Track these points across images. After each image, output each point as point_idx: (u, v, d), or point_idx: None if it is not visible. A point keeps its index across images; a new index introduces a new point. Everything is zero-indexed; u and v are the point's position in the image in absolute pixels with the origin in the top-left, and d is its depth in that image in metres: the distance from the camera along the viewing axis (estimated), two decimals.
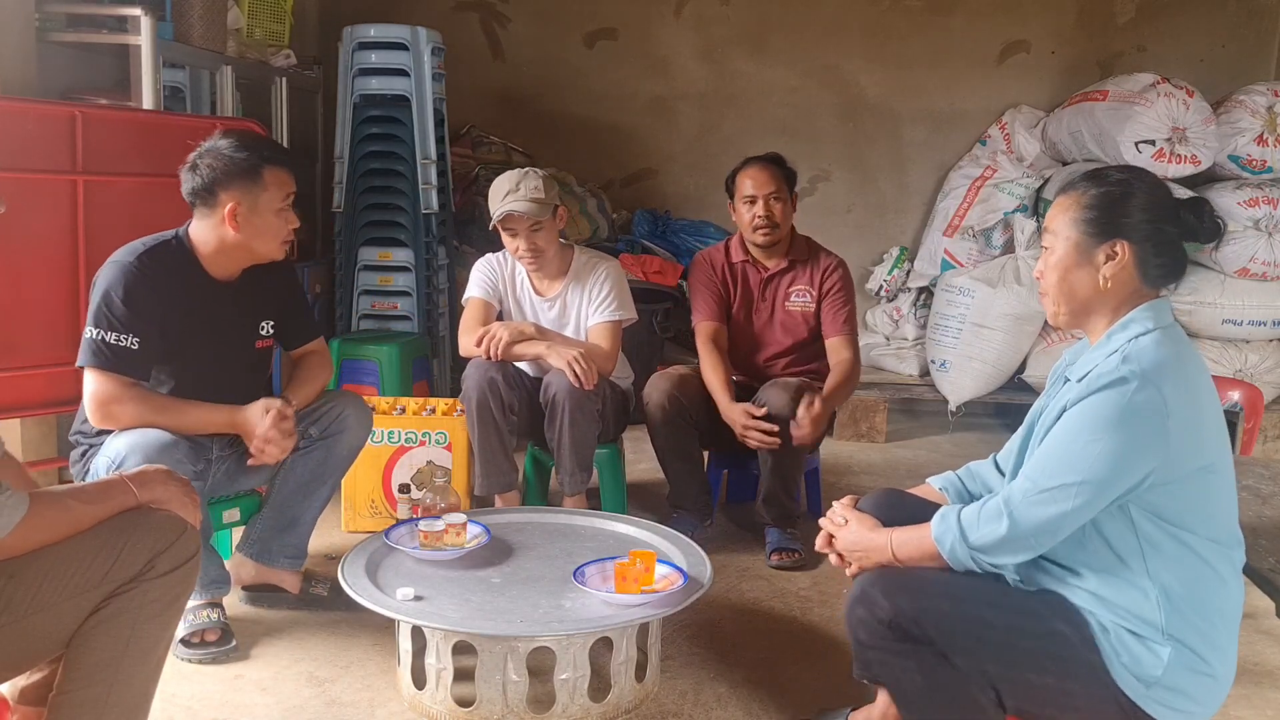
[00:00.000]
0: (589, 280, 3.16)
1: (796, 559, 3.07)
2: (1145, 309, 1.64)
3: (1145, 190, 1.64)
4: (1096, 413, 1.53)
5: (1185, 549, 1.55)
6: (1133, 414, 1.51)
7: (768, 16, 5.37)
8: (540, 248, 3.07)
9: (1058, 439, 1.58)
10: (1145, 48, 5.23)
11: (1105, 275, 1.63)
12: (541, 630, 2.08)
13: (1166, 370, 1.53)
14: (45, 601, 1.51)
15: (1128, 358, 1.55)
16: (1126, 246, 1.62)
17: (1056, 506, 1.54)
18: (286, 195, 2.41)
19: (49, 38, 3.36)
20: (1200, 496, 1.55)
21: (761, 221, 3.21)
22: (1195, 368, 1.60)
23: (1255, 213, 4.29)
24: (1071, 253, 1.66)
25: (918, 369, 4.90)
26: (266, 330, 2.59)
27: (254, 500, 2.69)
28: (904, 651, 1.64)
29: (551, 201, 3.07)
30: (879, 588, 1.66)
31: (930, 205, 5.34)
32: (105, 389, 2.27)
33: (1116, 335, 1.63)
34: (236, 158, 2.34)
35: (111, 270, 2.33)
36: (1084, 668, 1.55)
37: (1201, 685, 1.54)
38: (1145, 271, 1.64)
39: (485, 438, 3.00)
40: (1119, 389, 1.52)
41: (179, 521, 1.65)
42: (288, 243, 2.47)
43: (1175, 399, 1.51)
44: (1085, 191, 1.67)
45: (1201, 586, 1.55)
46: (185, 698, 2.23)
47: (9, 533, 1.47)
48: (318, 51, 5.13)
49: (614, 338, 3.14)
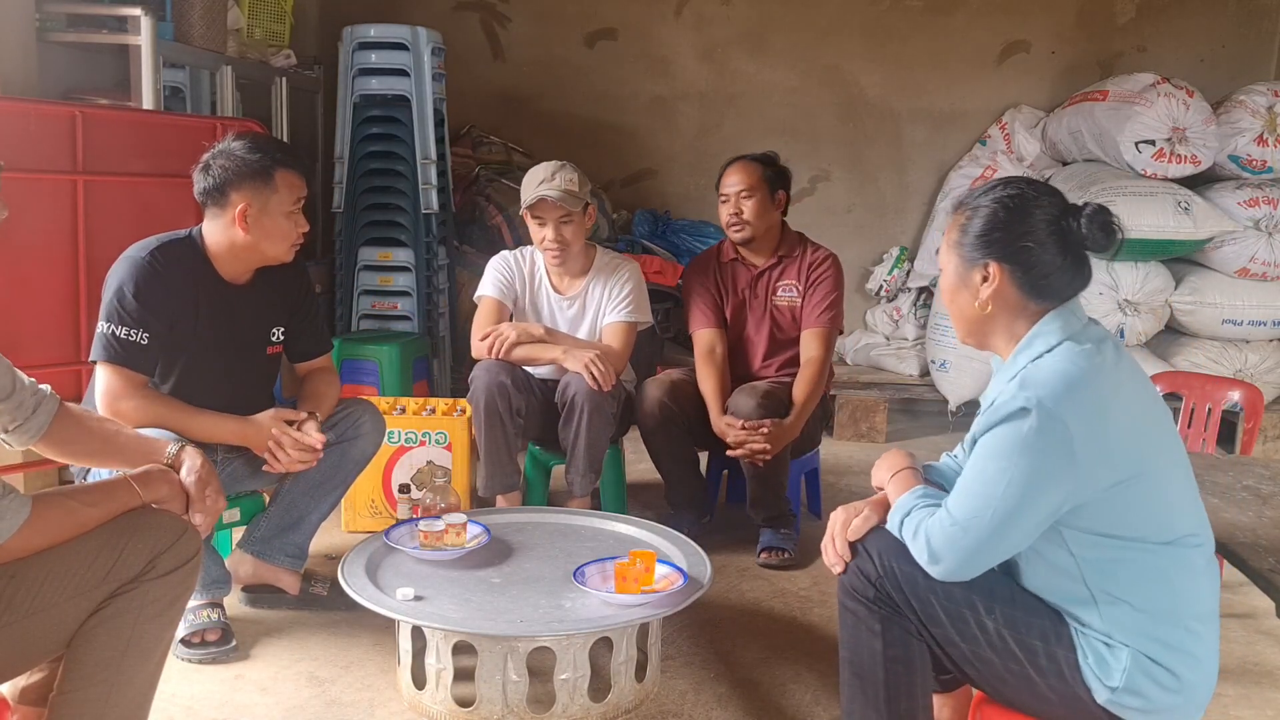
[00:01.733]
0: (611, 279, 3.16)
1: (785, 558, 3.07)
2: (1049, 320, 1.59)
3: (1025, 204, 1.60)
4: (999, 446, 1.52)
5: (1126, 558, 1.53)
6: (1033, 444, 1.48)
7: (768, 16, 5.37)
8: (567, 241, 3.07)
9: (968, 471, 1.57)
10: (1145, 48, 5.23)
11: (983, 298, 1.62)
12: (541, 630, 2.08)
13: (1070, 390, 1.49)
14: (47, 601, 1.51)
15: (1025, 383, 1.51)
16: (997, 267, 1.60)
17: (972, 539, 1.53)
18: (297, 198, 2.41)
19: (49, 38, 3.36)
20: (1129, 506, 1.52)
21: (732, 220, 3.21)
22: (1108, 375, 1.54)
23: (1255, 213, 4.29)
24: (952, 277, 1.66)
25: (918, 369, 4.90)
26: (277, 337, 2.59)
27: (256, 501, 2.69)
28: (875, 615, 1.65)
29: (584, 197, 3.08)
30: (875, 546, 1.67)
31: (930, 205, 5.34)
32: (116, 385, 2.28)
33: (1021, 355, 1.60)
34: (249, 159, 2.35)
35: (125, 265, 2.34)
36: (1057, 664, 1.56)
37: (1164, 693, 1.52)
38: (1030, 288, 1.59)
39: (492, 440, 3.01)
40: (1017, 421, 1.49)
41: (180, 522, 1.65)
42: (297, 246, 2.47)
43: (1078, 421, 1.47)
44: (966, 211, 1.65)
45: (1151, 595, 1.53)
46: (185, 698, 2.23)
47: (11, 536, 1.47)
48: (318, 51, 5.13)
49: (627, 339, 3.14)
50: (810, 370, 3.16)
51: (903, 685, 1.66)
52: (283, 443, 2.38)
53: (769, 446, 2.95)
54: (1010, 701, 1.63)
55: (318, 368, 2.68)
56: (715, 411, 3.09)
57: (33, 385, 1.76)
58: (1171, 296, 4.42)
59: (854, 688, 1.70)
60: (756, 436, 2.94)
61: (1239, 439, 3.16)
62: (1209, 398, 2.75)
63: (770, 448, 2.95)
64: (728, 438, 3.00)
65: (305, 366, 2.67)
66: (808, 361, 3.19)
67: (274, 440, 2.38)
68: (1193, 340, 4.54)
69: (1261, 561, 1.75)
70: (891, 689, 1.66)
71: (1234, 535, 1.86)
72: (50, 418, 1.76)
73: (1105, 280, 4.28)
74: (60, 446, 1.80)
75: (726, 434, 3.01)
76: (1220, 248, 4.34)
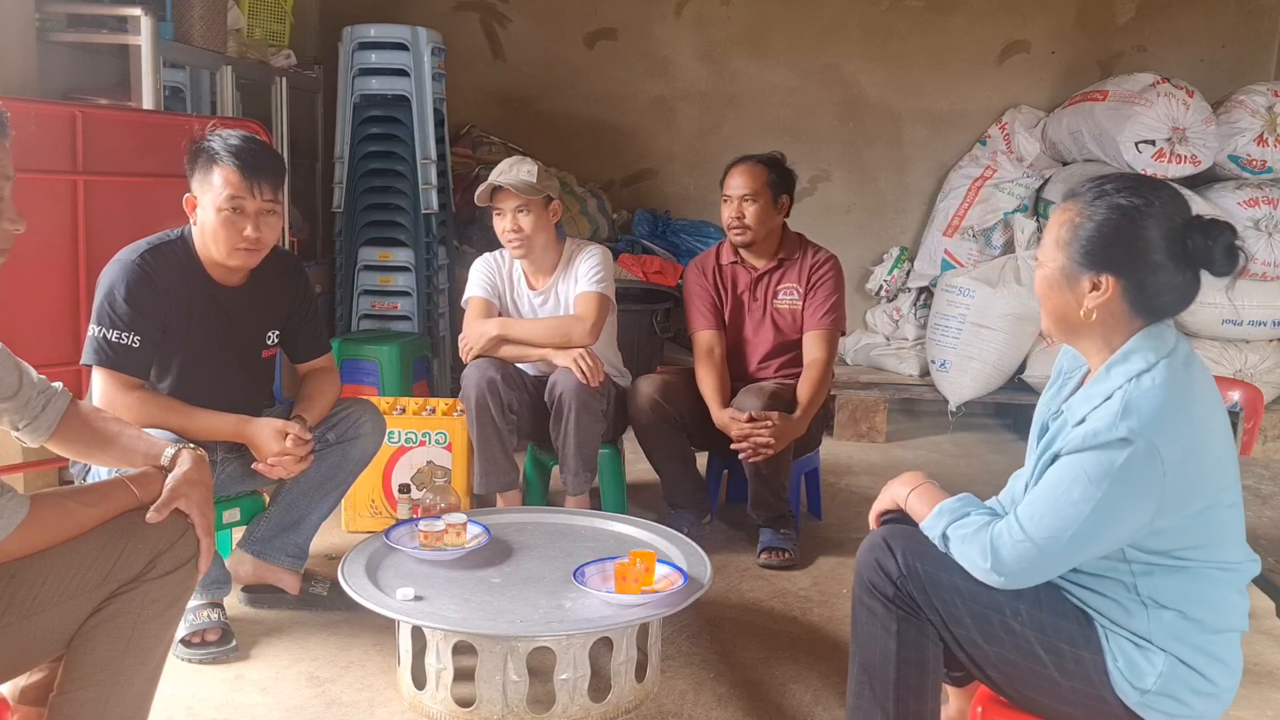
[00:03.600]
0: (577, 264, 3.18)
1: (785, 558, 3.07)
2: (1143, 336, 1.53)
3: (1148, 217, 1.50)
4: (1091, 470, 1.47)
5: (1182, 574, 1.53)
6: (1128, 475, 1.45)
7: (768, 16, 5.37)
8: (525, 231, 3.08)
9: (1050, 487, 1.53)
10: (1145, 48, 5.23)
11: (1088, 307, 1.55)
12: (541, 630, 2.08)
13: (1172, 422, 1.45)
14: (46, 602, 1.51)
15: (1128, 408, 1.45)
16: (1112, 282, 1.52)
17: (1045, 556, 1.52)
18: (231, 195, 2.31)
19: (49, 38, 3.36)
20: (1197, 531, 1.51)
21: (734, 223, 3.22)
22: (1203, 397, 1.52)
23: (1255, 213, 4.29)
24: (1057, 275, 1.58)
25: (918, 369, 4.90)
26: (272, 340, 2.59)
27: (256, 501, 2.69)
28: (893, 614, 1.64)
29: (543, 189, 3.09)
30: (899, 545, 1.65)
31: (930, 205, 5.34)
32: (110, 388, 2.28)
33: (1116, 369, 1.53)
34: (200, 147, 2.35)
35: (115, 269, 2.33)
36: (1084, 667, 1.55)
37: (1198, 698, 1.53)
38: (1138, 304, 1.53)
39: (484, 437, 3.01)
40: (1117, 450, 1.45)
41: (180, 522, 1.65)
42: (249, 250, 2.36)
43: (1174, 456, 1.45)
44: (1081, 211, 1.55)
45: (1201, 606, 1.53)
46: (185, 698, 2.23)
47: (8, 536, 1.47)
48: (318, 51, 5.13)
49: (597, 308, 3.10)
50: (815, 371, 3.16)
51: (913, 687, 1.65)
52: (283, 462, 2.38)
53: (773, 440, 2.94)
54: (1028, 702, 1.62)
55: (318, 368, 2.67)
56: (716, 407, 3.09)
57: (42, 382, 1.76)
58: None
59: (862, 684, 1.69)
60: (761, 430, 2.94)
61: (1239, 439, 3.16)
62: None
63: (774, 442, 2.94)
64: (731, 431, 3.00)
65: (306, 367, 2.67)
66: (812, 363, 3.19)
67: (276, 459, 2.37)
68: (1193, 340, 4.54)
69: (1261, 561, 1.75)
70: (902, 690, 1.65)
71: None
72: (59, 415, 1.77)
73: None
74: (70, 445, 1.80)
75: (729, 428, 3.00)
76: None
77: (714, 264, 3.35)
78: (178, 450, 1.78)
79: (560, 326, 3.09)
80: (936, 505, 1.67)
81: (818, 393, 3.14)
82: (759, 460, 2.98)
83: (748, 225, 3.20)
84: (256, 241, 2.36)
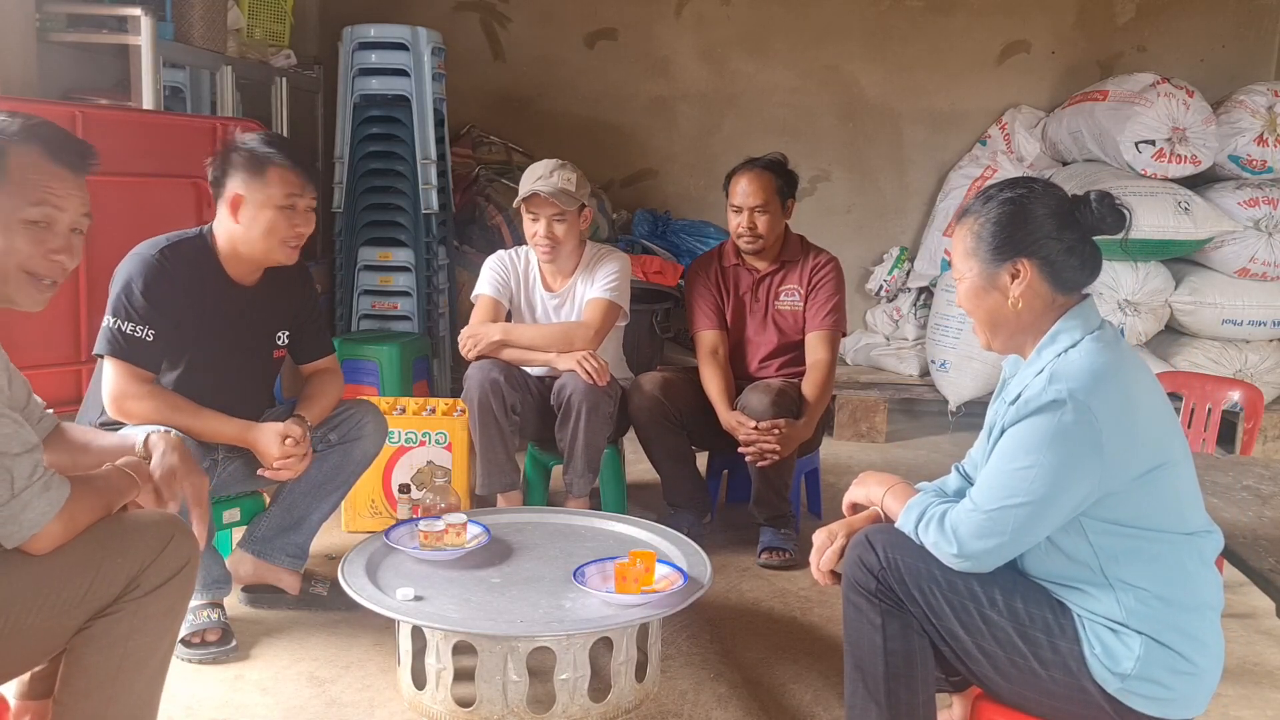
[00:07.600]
0: (597, 268, 3.19)
1: (786, 558, 3.07)
2: (1070, 317, 1.63)
3: (1033, 200, 1.63)
4: (1030, 437, 1.54)
5: (1146, 548, 1.56)
6: (1064, 436, 1.51)
7: (768, 17, 5.37)
8: (558, 238, 3.09)
9: (995, 461, 1.60)
10: (1145, 48, 5.23)
11: (1014, 296, 1.64)
12: (541, 630, 2.08)
13: (1099, 382, 1.53)
14: (19, 624, 1.45)
15: (1055, 376, 1.54)
16: (1027, 264, 1.62)
17: (999, 528, 1.56)
18: (288, 194, 2.39)
19: (49, 38, 3.36)
20: (1150, 496, 1.55)
21: (745, 233, 3.23)
22: (1131, 369, 1.59)
23: (1255, 213, 4.29)
24: (977, 280, 1.67)
25: (918, 369, 4.90)
26: (282, 340, 2.59)
27: (256, 501, 2.69)
28: (876, 608, 1.67)
29: (580, 198, 3.10)
30: (880, 540, 1.69)
31: (930, 205, 5.34)
32: (122, 380, 2.29)
33: (1045, 350, 1.63)
34: (246, 149, 2.37)
35: (133, 262, 2.35)
36: (1061, 656, 1.57)
37: (1179, 679, 1.54)
38: (1055, 280, 1.63)
39: (487, 437, 3.01)
40: (1049, 413, 1.52)
41: (165, 531, 1.59)
42: (295, 246, 2.45)
43: (1107, 413, 1.51)
44: (976, 219, 1.67)
45: (1169, 582, 1.55)
46: (185, 698, 2.23)
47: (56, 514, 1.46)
48: (318, 51, 5.13)
49: (605, 315, 3.12)
50: (818, 373, 3.18)
51: (902, 677, 1.67)
52: (288, 464, 2.39)
53: (780, 448, 2.95)
54: (1017, 698, 1.63)
55: (322, 369, 2.68)
56: (723, 408, 3.09)
57: (41, 406, 1.81)
58: (1171, 297, 4.42)
59: (855, 680, 1.72)
60: (769, 437, 2.95)
61: (1239, 439, 3.16)
62: (1209, 398, 2.75)
63: (781, 449, 2.96)
64: (738, 434, 3.00)
65: (310, 367, 2.68)
66: (815, 364, 3.20)
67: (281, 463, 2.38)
68: (1193, 340, 4.54)
69: (1261, 561, 1.75)
70: (891, 681, 1.67)
71: (1234, 535, 1.86)
72: (46, 434, 1.79)
73: (1105, 280, 4.27)
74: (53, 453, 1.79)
75: (737, 430, 3.01)
76: (1220, 248, 4.34)
77: (716, 265, 3.36)
78: (146, 436, 1.80)
79: (563, 332, 3.09)
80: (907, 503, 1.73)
81: (823, 394, 3.16)
82: (765, 464, 2.99)
83: (760, 235, 3.21)
84: (302, 237, 2.45)
